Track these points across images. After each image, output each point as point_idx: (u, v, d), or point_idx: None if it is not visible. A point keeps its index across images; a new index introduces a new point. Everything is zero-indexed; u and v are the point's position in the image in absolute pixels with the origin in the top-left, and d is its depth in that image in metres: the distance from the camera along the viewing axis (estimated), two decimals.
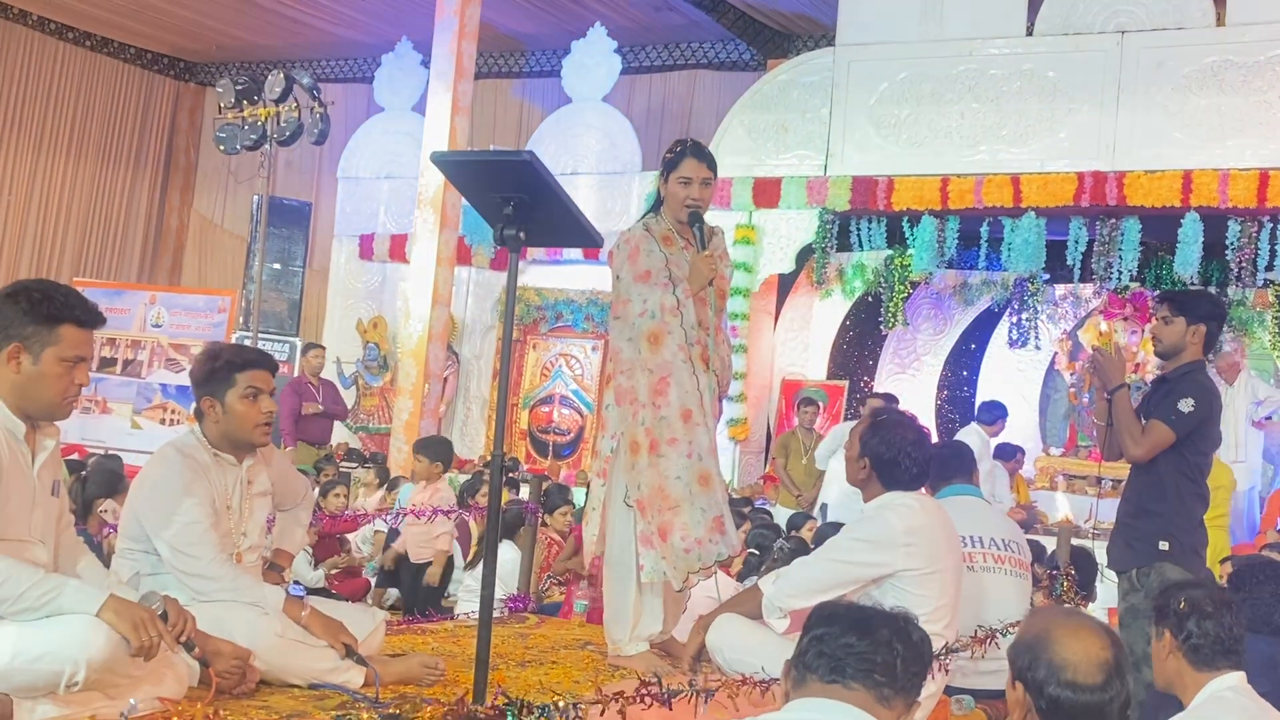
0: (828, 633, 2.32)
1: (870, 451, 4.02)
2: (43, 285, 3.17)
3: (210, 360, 3.77)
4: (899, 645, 2.31)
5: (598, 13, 13.28)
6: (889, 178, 10.79)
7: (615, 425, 4.36)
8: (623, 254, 4.33)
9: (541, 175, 3.19)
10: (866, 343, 12.84)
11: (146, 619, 3.03)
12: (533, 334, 13.16)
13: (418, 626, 5.26)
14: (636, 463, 4.25)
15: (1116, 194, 9.91)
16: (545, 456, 12.84)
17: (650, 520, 4.23)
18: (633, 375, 4.27)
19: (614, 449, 4.35)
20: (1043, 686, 2.41)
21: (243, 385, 3.71)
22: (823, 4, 12.52)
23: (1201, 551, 4.80)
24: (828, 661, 2.30)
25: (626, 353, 4.28)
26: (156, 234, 17.69)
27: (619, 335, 4.32)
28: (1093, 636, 2.45)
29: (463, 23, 11.41)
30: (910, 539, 3.89)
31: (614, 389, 4.38)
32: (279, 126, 11.07)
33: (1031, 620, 2.57)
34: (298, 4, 14.57)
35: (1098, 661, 2.41)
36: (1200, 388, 4.76)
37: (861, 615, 2.37)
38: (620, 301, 4.31)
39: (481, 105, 14.80)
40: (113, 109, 16.95)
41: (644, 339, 4.26)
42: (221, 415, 3.71)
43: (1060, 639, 2.43)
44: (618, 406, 4.33)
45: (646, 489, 4.23)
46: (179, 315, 13.57)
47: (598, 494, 4.43)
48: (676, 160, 4.40)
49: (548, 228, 3.35)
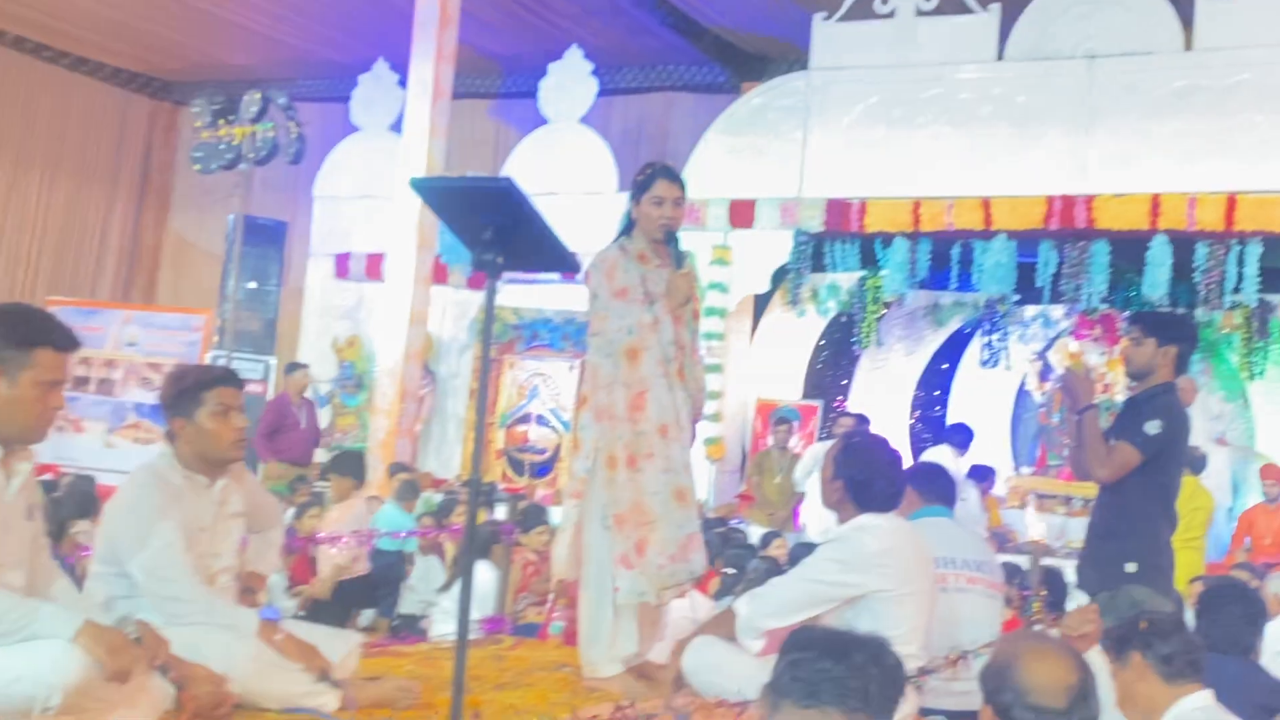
0: (803, 658, 2.35)
1: (844, 473, 4.06)
2: (18, 308, 3.20)
3: (177, 381, 3.78)
4: (874, 670, 2.34)
5: (574, 35, 13.34)
6: (862, 200, 10.88)
7: (591, 444, 4.40)
8: (600, 272, 4.39)
9: (520, 201, 3.23)
10: (840, 363, 12.92)
11: (121, 644, 3.04)
12: (509, 353, 13.17)
13: (393, 649, 5.27)
14: (614, 478, 4.29)
15: (1086, 217, 10.02)
16: (522, 476, 12.84)
17: (628, 536, 4.27)
18: (611, 391, 4.32)
19: (590, 469, 4.38)
20: (1009, 709, 2.46)
21: (212, 403, 3.71)
22: (797, 28, 12.60)
23: (1169, 572, 4.85)
24: (803, 686, 2.32)
25: (606, 368, 4.34)
26: (131, 253, 17.62)
27: (598, 351, 4.38)
28: (1059, 661, 2.50)
29: (440, 44, 11.45)
30: (884, 560, 3.93)
31: (592, 407, 4.41)
32: (255, 146, 11.06)
33: (1002, 645, 2.64)
34: (275, 23, 14.58)
35: (1063, 685, 2.45)
36: (1169, 410, 4.80)
37: (837, 641, 2.40)
38: (598, 318, 4.37)
39: (458, 125, 14.80)
40: (88, 127, 16.89)
41: (622, 354, 4.32)
42: (194, 435, 3.71)
43: (1027, 663, 2.48)
44: (597, 423, 4.37)
45: (625, 504, 4.28)
46: (153, 334, 13.54)
47: (571, 514, 4.45)
48: (648, 182, 4.48)
49: (526, 252, 3.39)
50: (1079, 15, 10.38)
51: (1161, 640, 3.26)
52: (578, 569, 4.46)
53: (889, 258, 10.89)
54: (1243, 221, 9.58)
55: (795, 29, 12.76)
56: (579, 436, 4.47)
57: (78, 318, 13.82)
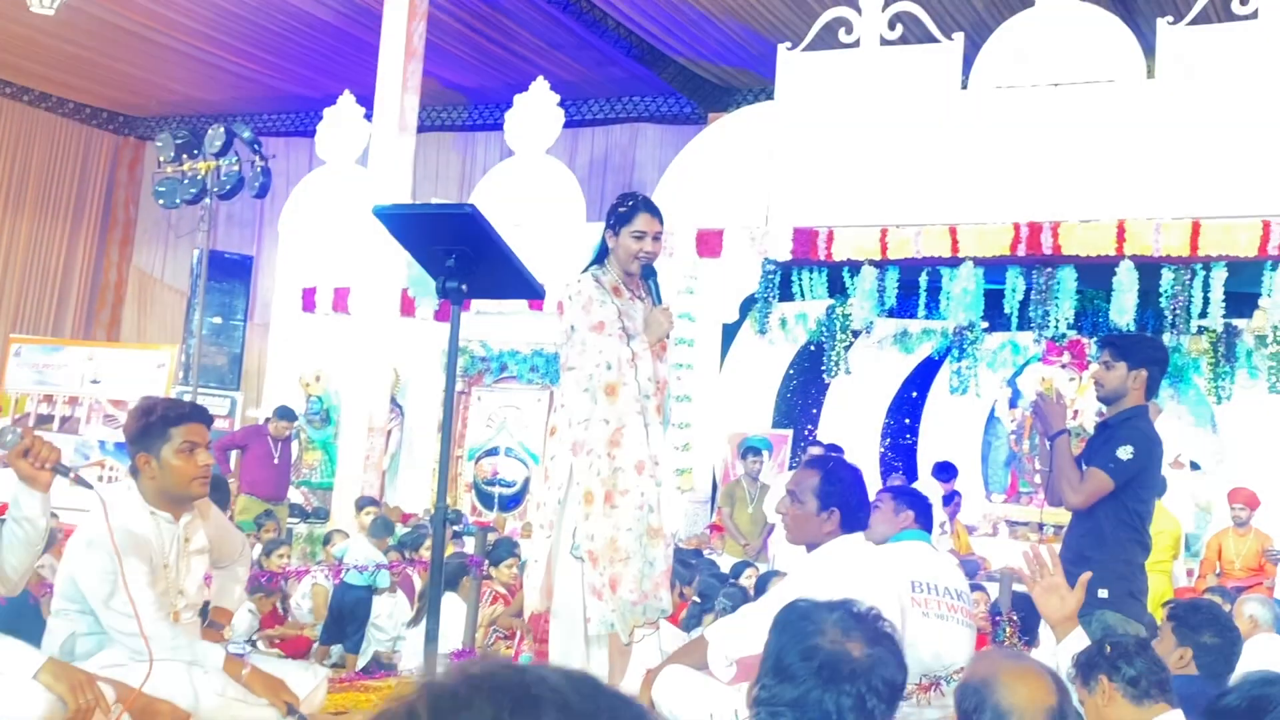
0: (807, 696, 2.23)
1: (838, 500, 3.99)
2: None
3: (144, 415, 3.73)
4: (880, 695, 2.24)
5: (540, 66, 13.37)
6: (829, 228, 10.90)
7: (561, 476, 4.35)
8: (576, 305, 4.35)
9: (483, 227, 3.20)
10: (810, 391, 12.92)
11: (84, 681, 3.00)
12: (478, 385, 13.11)
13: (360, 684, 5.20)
14: (590, 513, 4.25)
15: (1052, 243, 10.06)
16: (491, 509, 12.77)
17: (601, 572, 4.23)
18: (589, 426, 4.28)
19: (561, 500, 4.34)
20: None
21: (178, 439, 3.67)
22: (761, 58, 12.68)
23: (1141, 598, 4.83)
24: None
25: (583, 403, 4.30)
26: (95, 289, 17.51)
27: (574, 386, 4.33)
28: (1039, 682, 2.49)
29: (405, 76, 11.43)
30: (855, 584, 3.89)
31: (567, 440, 4.36)
32: (219, 180, 11.00)
33: (978, 664, 2.60)
34: (238, 58, 14.55)
35: (1043, 707, 2.44)
36: (1140, 434, 4.79)
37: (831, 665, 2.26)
38: (575, 352, 4.33)
39: (424, 158, 14.82)
40: (51, 164, 16.80)
41: (601, 390, 4.29)
42: (158, 471, 3.67)
43: (1007, 683, 2.47)
44: (573, 457, 4.32)
45: (599, 540, 4.24)
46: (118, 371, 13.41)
47: (541, 546, 4.40)
48: (630, 215, 4.45)
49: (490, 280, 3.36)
50: (1042, 44, 10.45)
51: (1127, 662, 3.26)
52: (549, 601, 4.41)
53: (857, 286, 10.91)
54: (1207, 246, 9.64)
55: (760, 60, 12.84)
56: (548, 467, 4.42)
57: (41, 355, 13.71)
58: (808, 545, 4.11)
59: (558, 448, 4.40)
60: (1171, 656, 3.79)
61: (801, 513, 4.03)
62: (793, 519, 4.07)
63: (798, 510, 4.04)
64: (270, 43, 14.00)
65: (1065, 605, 3.91)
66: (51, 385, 13.47)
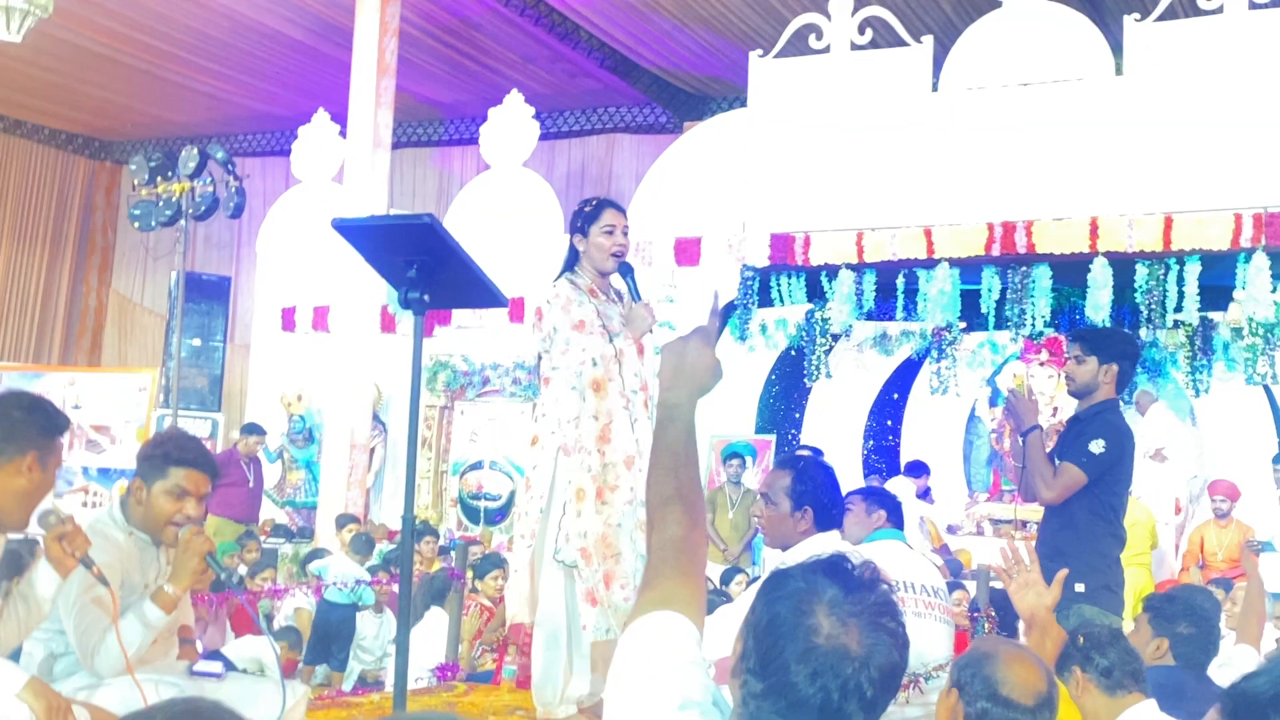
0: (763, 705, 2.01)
1: (810, 499, 3.99)
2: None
3: (156, 445, 3.77)
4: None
5: (514, 80, 13.39)
6: (805, 233, 10.93)
7: (543, 485, 4.36)
8: (555, 307, 4.38)
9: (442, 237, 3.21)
10: (792, 396, 12.95)
11: (62, 707, 3.01)
12: (460, 400, 13.11)
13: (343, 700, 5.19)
14: (582, 510, 4.28)
15: (1026, 242, 10.10)
16: (477, 523, 12.75)
17: (595, 570, 4.25)
18: (579, 423, 4.32)
19: (543, 509, 4.34)
20: (976, 698, 2.52)
21: (172, 481, 3.67)
22: (734, 66, 12.71)
23: (1117, 590, 4.85)
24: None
25: (571, 401, 4.33)
26: (75, 314, 17.47)
27: (561, 385, 4.35)
28: (1035, 668, 2.59)
29: (378, 93, 11.44)
30: None
31: (554, 442, 4.36)
32: (194, 202, 10.98)
33: (981, 641, 2.72)
34: (211, 79, 14.55)
35: (1034, 689, 2.53)
36: (1112, 428, 4.81)
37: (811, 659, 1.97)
38: (559, 352, 4.35)
39: (400, 174, 14.83)
40: (27, 190, 16.76)
41: (589, 386, 4.33)
42: (144, 499, 3.68)
43: (1005, 660, 2.56)
44: (565, 457, 4.33)
45: (591, 537, 4.26)
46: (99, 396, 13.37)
47: (523, 555, 4.40)
48: (597, 213, 4.54)
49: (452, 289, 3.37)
50: (1010, 44, 10.50)
51: (1100, 653, 3.29)
52: (534, 612, 4.41)
53: (835, 290, 10.94)
54: (1180, 240, 9.69)
55: (733, 67, 12.89)
56: (530, 477, 4.42)
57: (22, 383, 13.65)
58: (783, 546, 4.11)
59: (539, 456, 4.40)
60: (1148, 647, 3.81)
61: (775, 514, 4.02)
62: (767, 521, 4.07)
63: (771, 512, 4.03)
64: (243, 63, 14.00)
65: (1041, 601, 3.92)
66: None
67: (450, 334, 12.89)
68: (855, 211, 10.82)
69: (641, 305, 4.51)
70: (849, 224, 10.79)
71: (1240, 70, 9.71)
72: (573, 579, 4.33)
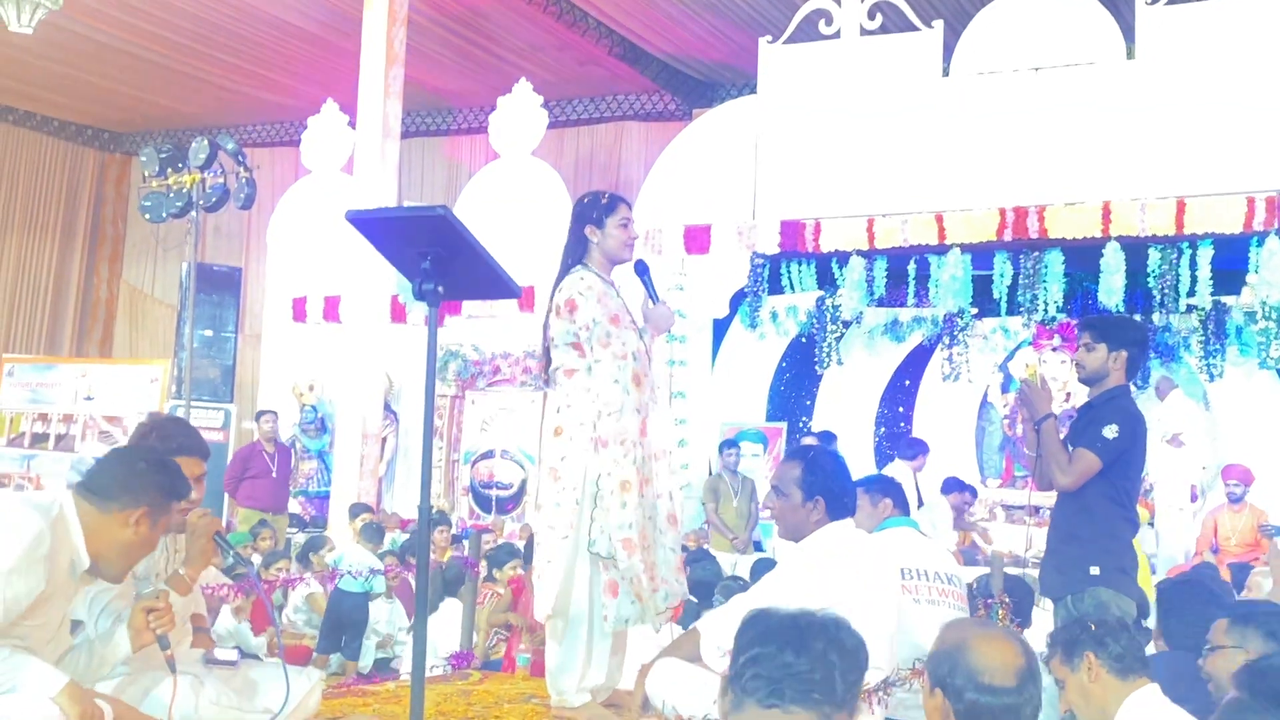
0: (764, 653, 2.27)
1: (822, 489, 4.00)
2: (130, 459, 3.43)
3: (141, 437, 3.74)
4: (834, 656, 2.27)
5: (522, 68, 13.37)
6: (816, 220, 10.91)
7: (576, 477, 4.35)
8: (590, 300, 4.40)
9: (457, 229, 3.21)
10: (803, 383, 12.95)
11: (95, 712, 3.04)
12: (471, 389, 13.12)
13: (358, 688, 5.21)
14: (627, 501, 4.30)
15: (1038, 227, 10.07)
16: (489, 512, 12.77)
17: (636, 561, 4.28)
18: (623, 416, 4.34)
19: (578, 500, 4.34)
20: (961, 691, 2.52)
21: None
22: (743, 53, 12.68)
23: (1131, 573, 4.85)
24: (765, 684, 2.25)
25: (615, 394, 4.36)
26: (86, 306, 17.51)
27: (604, 377, 4.37)
28: (1007, 644, 2.59)
29: (387, 82, 11.43)
30: (844, 571, 3.91)
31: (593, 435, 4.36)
32: (204, 193, 10.99)
33: (948, 631, 2.68)
34: (220, 70, 14.55)
35: (1013, 667, 2.53)
36: (1124, 413, 4.82)
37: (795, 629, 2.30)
38: (599, 344, 4.37)
39: (409, 164, 14.83)
40: (38, 182, 16.80)
41: (630, 379, 4.37)
42: None
43: (977, 647, 2.55)
44: (602, 449, 4.34)
45: (635, 529, 4.30)
46: (111, 387, 13.43)
47: (559, 547, 4.36)
48: (613, 205, 4.59)
49: (466, 280, 3.37)
50: (1021, 29, 10.47)
51: (1113, 639, 3.32)
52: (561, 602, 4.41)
53: (846, 276, 10.93)
54: (1192, 224, 9.66)
55: (742, 54, 12.86)
56: (557, 468, 4.39)
57: (34, 374, 13.72)
58: (796, 537, 4.12)
59: (567, 448, 4.38)
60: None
61: (787, 505, 4.04)
62: (779, 513, 4.09)
63: (783, 503, 4.05)
64: (252, 53, 14.00)
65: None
66: (46, 403, 13.49)
67: (461, 324, 12.90)
68: (866, 198, 10.80)
69: (664, 305, 4.59)
70: (860, 210, 10.78)
71: (1252, 53, 9.67)
72: (598, 570, 4.34)
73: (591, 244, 4.55)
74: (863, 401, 12.96)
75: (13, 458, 13.34)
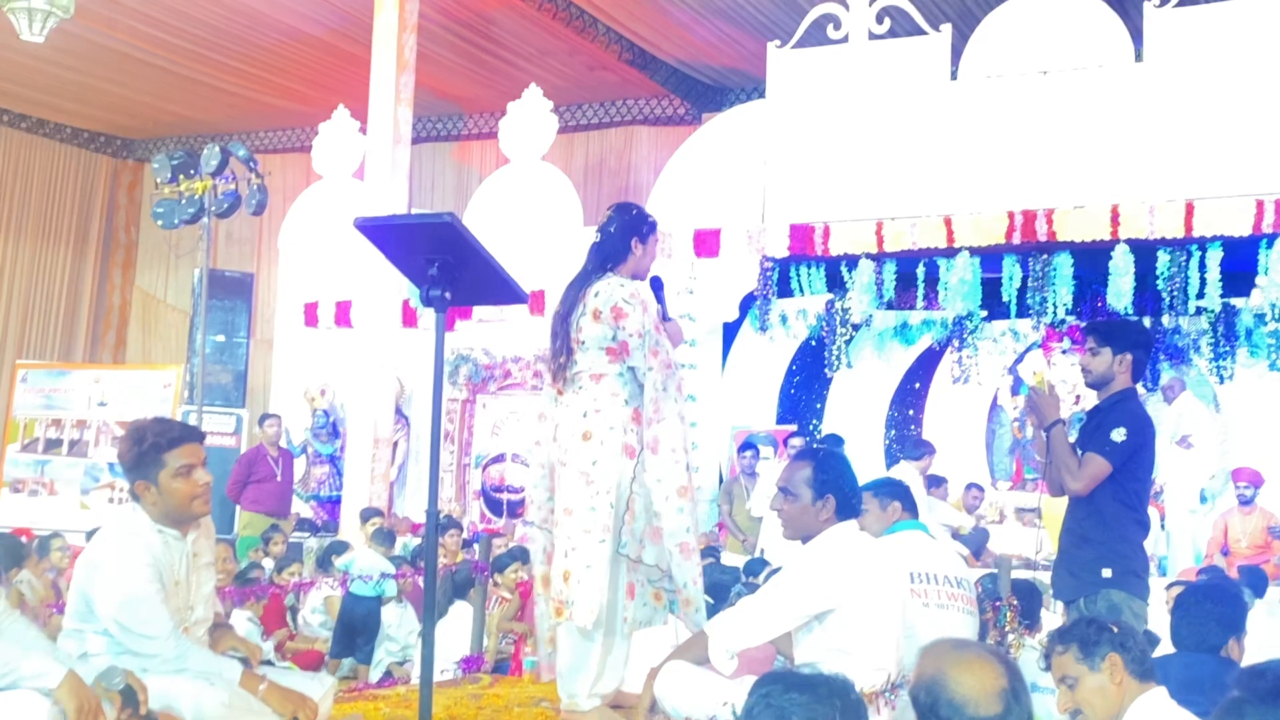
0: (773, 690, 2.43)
1: (833, 488, 4.00)
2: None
3: (136, 443, 3.73)
4: (838, 701, 2.43)
5: (532, 74, 13.41)
6: (825, 223, 10.93)
7: (610, 481, 4.39)
8: (637, 309, 4.43)
9: (463, 235, 3.25)
10: (813, 386, 12.96)
11: (93, 708, 3.07)
12: (482, 393, 13.16)
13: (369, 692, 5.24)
14: (683, 507, 4.41)
15: (1047, 229, 10.08)
16: (500, 516, 12.81)
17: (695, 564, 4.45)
18: (673, 422, 4.44)
19: (613, 504, 4.37)
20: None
21: (174, 464, 3.68)
22: (753, 57, 12.71)
23: (1143, 575, 4.86)
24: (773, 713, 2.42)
25: (665, 403, 4.43)
26: (99, 312, 17.59)
27: (655, 387, 4.42)
28: (986, 667, 2.54)
29: (398, 89, 11.47)
30: (850, 574, 3.92)
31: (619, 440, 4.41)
32: (216, 199, 11.05)
33: (924, 660, 2.63)
34: (233, 76, 14.62)
35: (995, 691, 2.49)
36: (1132, 415, 4.83)
37: (803, 677, 2.52)
38: (651, 353, 4.42)
39: (420, 169, 14.88)
40: (51, 189, 16.88)
41: (676, 388, 4.47)
42: (158, 496, 3.69)
43: (956, 676, 2.51)
44: (653, 455, 4.41)
45: (692, 533, 4.43)
46: (124, 393, 13.50)
47: (596, 551, 4.37)
48: (655, 226, 4.69)
49: (473, 286, 3.40)
50: (1030, 31, 10.48)
51: (1134, 641, 3.31)
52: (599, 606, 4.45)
53: (855, 279, 10.95)
54: (1201, 226, 9.66)
55: (751, 58, 12.88)
56: (589, 473, 4.40)
57: (47, 380, 13.79)
58: (804, 537, 4.13)
59: (598, 452, 4.41)
60: None
61: (796, 506, 4.04)
62: (788, 513, 4.09)
63: (792, 504, 4.05)
64: (263, 60, 14.06)
65: None
66: (59, 409, 13.56)
67: (471, 328, 12.94)
68: (875, 201, 10.82)
69: (674, 323, 4.64)
70: (868, 214, 10.80)
71: (1260, 55, 9.67)
72: (620, 572, 4.38)
73: (632, 255, 4.58)
74: (873, 405, 12.96)
75: (27, 463, 13.41)
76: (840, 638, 3.85)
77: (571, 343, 4.49)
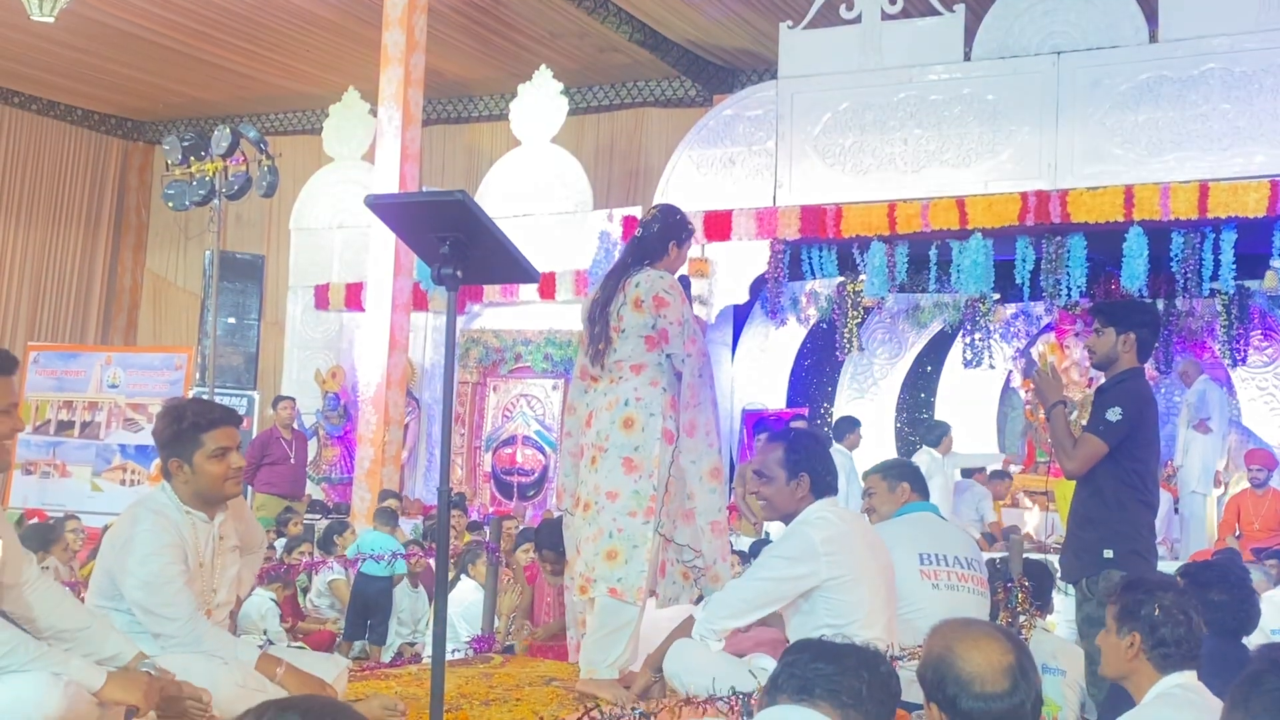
0: (799, 658, 2.48)
1: (806, 466, 4.08)
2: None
3: (175, 421, 3.72)
4: (865, 673, 2.47)
5: (543, 55, 13.38)
6: (837, 206, 10.90)
7: (651, 465, 4.48)
8: (676, 299, 4.58)
9: (474, 213, 3.24)
10: (824, 369, 12.95)
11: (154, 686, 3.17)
12: (493, 376, 13.16)
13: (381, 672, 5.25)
14: (716, 488, 4.55)
15: (1060, 212, 10.04)
16: (510, 498, 12.82)
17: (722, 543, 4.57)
18: (707, 409, 4.58)
19: (655, 486, 4.46)
20: (955, 702, 2.44)
21: (210, 446, 3.68)
22: (764, 39, 12.66)
23: (1148, 556, 4.85)
24: (797, 682, 2.46)
25: (700, 389, 4.58)
26: (111, 294, 17.62)
27: (691, 373, 4.56)
28: (993, 644, 2.48)
29: (408, 70, 11.44)
30: (830, 548, 3.97)
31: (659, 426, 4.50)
32: (227, 181, 11.02)
33: (932, 639, 2.57)
34: (244, 58, 14.60)
35: (1002, 668, 2.44)
36: (1130, 395, 4.82)
37: (833, 647, 2.55)
38: (690, 340, 4.55)
39: (431, 151, 14.85)
40: (62, 171, 16.89)
41: (709, 375, 4.63)
42: (191, 475, 3.69)
43: (962, 653, 2.46)
44: (689, 439, 4.54)
45: (723, 513, 4.57)
46: (135, 375, 13.51)
47: (641, 531, 4.45)
48: (692, 234, 4.87)
49: (484, 265, 3.39)
50: (1044, 12, 10.43)
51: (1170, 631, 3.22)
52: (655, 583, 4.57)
53: (867, 262, 10.92)
54: (1216, 208, 9.61)
55: (762, 39, 12.83)
56: (631, 458, 4.49)
57: (59, 362, 13.81)
58: (784, 517, 4.18)
59: (640, 438, 4.49)
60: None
61: (772, 487, 4.14)
62: (765, 495, 4.19)
63: (767, 486, 4.14)
64: (274, 41, 14.04)
65: None
66: (71, 391, 13.58)
67: (481, 310, 12.95)
68: (887, 183, 10.79)
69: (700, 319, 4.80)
70: (880, 196, 10.76)
71: (1275, 36, 9.60)
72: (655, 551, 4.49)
73: (668, 256, 4.73)
74: (884, 388, 12.95)
75: (38, 445, 13.45)
76: (827, 615, 3.92)
77: (611, 330, 4.60)
